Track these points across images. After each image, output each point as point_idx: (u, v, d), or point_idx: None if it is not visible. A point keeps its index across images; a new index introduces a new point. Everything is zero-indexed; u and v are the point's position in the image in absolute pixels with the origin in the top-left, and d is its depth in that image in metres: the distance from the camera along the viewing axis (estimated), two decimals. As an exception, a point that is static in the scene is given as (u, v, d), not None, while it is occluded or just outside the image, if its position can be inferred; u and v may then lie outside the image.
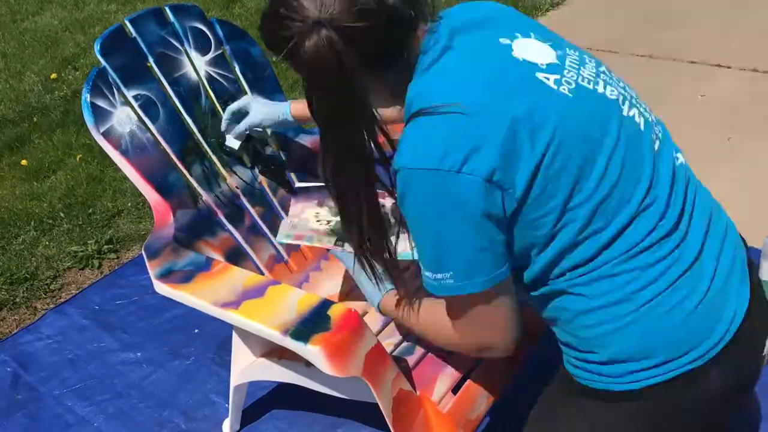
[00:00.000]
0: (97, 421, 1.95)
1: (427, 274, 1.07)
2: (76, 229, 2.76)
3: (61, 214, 2.83)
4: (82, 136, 3.38)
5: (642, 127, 1.10)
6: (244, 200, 1.77)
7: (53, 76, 4.08)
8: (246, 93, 1.83)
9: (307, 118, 1.66)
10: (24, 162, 3.22)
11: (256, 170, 1.81)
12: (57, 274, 2.55)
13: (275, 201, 1.83)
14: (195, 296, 1.37)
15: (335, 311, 1.25)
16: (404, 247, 1.36)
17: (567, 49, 1.12)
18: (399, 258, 1.36)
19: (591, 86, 1.07)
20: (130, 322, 2.30)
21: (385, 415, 1.29)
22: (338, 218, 1.54)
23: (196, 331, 2.24)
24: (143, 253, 1.48)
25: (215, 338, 2.19)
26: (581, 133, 1.02)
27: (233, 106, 1.70)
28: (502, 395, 1.48)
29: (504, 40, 1.07)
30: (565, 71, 1.06)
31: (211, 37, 1.79)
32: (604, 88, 1.09)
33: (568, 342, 1.13)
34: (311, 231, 1.55)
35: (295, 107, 1.66)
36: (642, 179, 1.05)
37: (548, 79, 1.04)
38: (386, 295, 1.34)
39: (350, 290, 1.73)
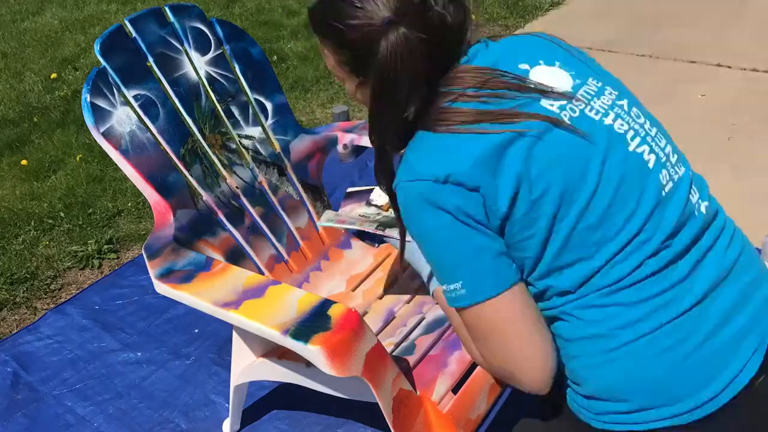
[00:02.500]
0: (97, 421, 1.95)
1: (444, 287, 1.08)
2: (76, 228, 2.76)
3: (61, 214, 2.83)
4: (82, 136, 3.38)
5: (651, 165, 1.06)
6: (244, 200, 1.77)
7: (53, 75, 4.08)
8: (246, 93, 1.83)
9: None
10: (24, 162, 3.22)
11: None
12: (57, 274, 2.55)
13: (275, 201, 1.83)
14: (195, 296, 1.37)
15: (335, 311, 1.25)
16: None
17: (590, 79, 1.10)
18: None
19: (597, 117, 1.06)
20: (130, 322, 2.30)
21: (385, 415, 1.29)
22: (384, 213, 1.57)
23: (196, 331, 2.24)
24: (143, 253, 1.48)
25: (215, 338, 2.19)
26: (569, 161, 1.02)
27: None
28: (503, 395, 1.49)
29: (523, 66, 1.08)
30: (574, 100, 1.06)
31: (210, 37, 1.79)
32: (614, 120, 1.07)
33: (564, 366, 1.11)
34: (355, 218, 1.57)
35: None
36: (636, 215, 1.02)
37: (552, 105, 1.04)
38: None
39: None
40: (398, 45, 0.99)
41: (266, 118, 1.87)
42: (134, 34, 1.66)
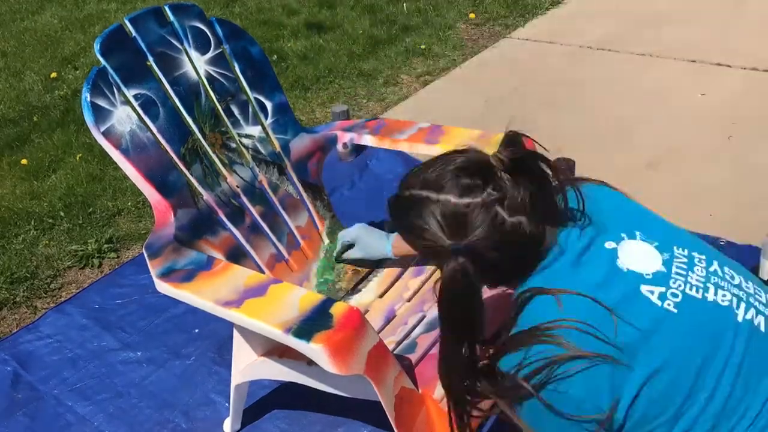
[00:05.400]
0: (98, 421, 1.95)
1: None
2: (76, 228, 2.76)
3: (61, 213, 2.83)
4: (82, 135, 3.38)
5: (763, 327, 1.03)
6: (245, 199, 1.77)
7: (53, 75, 4.08)
8: (246, 92, 1.83)
9: (407, 253, 1.66)
10: (24, 161, 3.22)
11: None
12: (57, 274, 2.55)
13: (275, 200, 1.83)
14: (196, 295, 1.37)
15: (337, 309, 1.25)
16: None
17: (675, 248, 1.08)
18: None
19: (700, 294, 1.03)
20: (131, 322, 2.30)
21: (387, 413, 1.29)
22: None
23: (196, 330, 2.24)
24: (144, 252, 1.48)
25: (216, 337, 2.19)
26: (688, 350, 0.99)
27: (346, 240, 1.76)
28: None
29: (610, 244, 1.06)
30: (671, 281, 1.03)
31: (210, 36, 1.79)
32: (715, 293, 1.04)
33: None
34: None
35: (396, 246, 1.71)
36: (759, 390, 1.00)
37: (653, 293, 1.02)
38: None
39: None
40: (455, 272, 1.02)
41: (266, 117, 1.87)
42: (134, 33, 1.66)
